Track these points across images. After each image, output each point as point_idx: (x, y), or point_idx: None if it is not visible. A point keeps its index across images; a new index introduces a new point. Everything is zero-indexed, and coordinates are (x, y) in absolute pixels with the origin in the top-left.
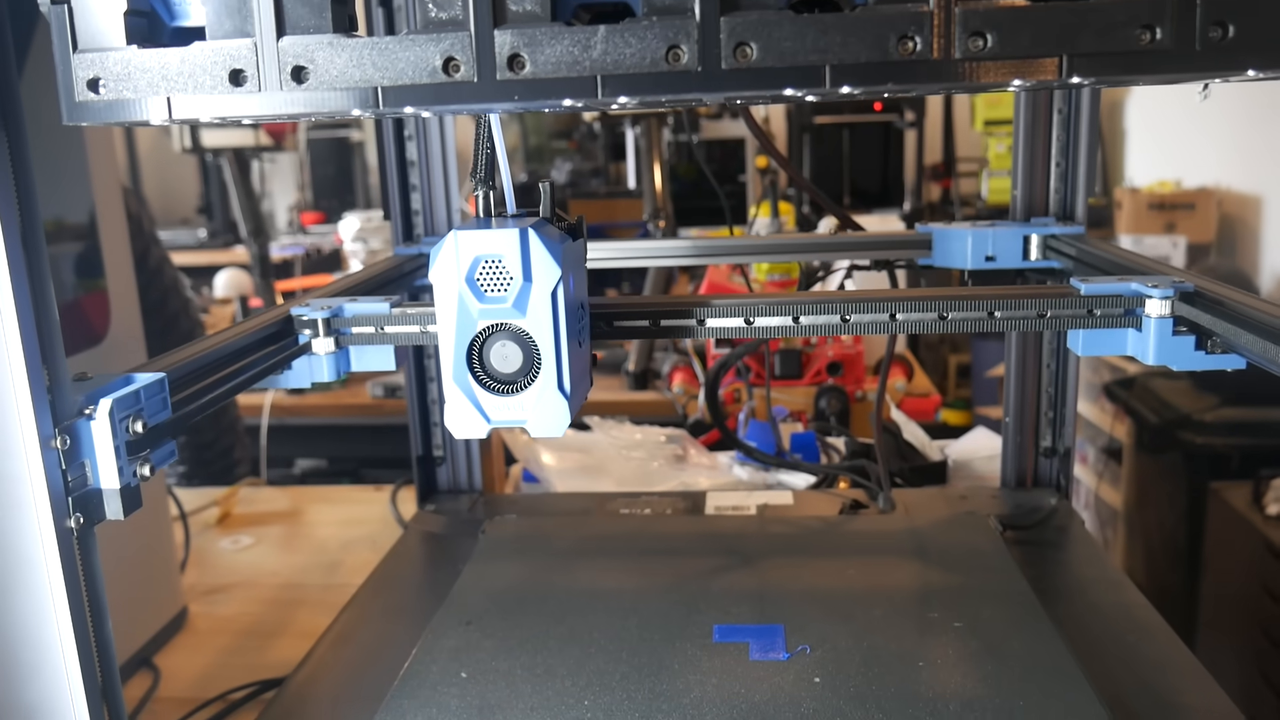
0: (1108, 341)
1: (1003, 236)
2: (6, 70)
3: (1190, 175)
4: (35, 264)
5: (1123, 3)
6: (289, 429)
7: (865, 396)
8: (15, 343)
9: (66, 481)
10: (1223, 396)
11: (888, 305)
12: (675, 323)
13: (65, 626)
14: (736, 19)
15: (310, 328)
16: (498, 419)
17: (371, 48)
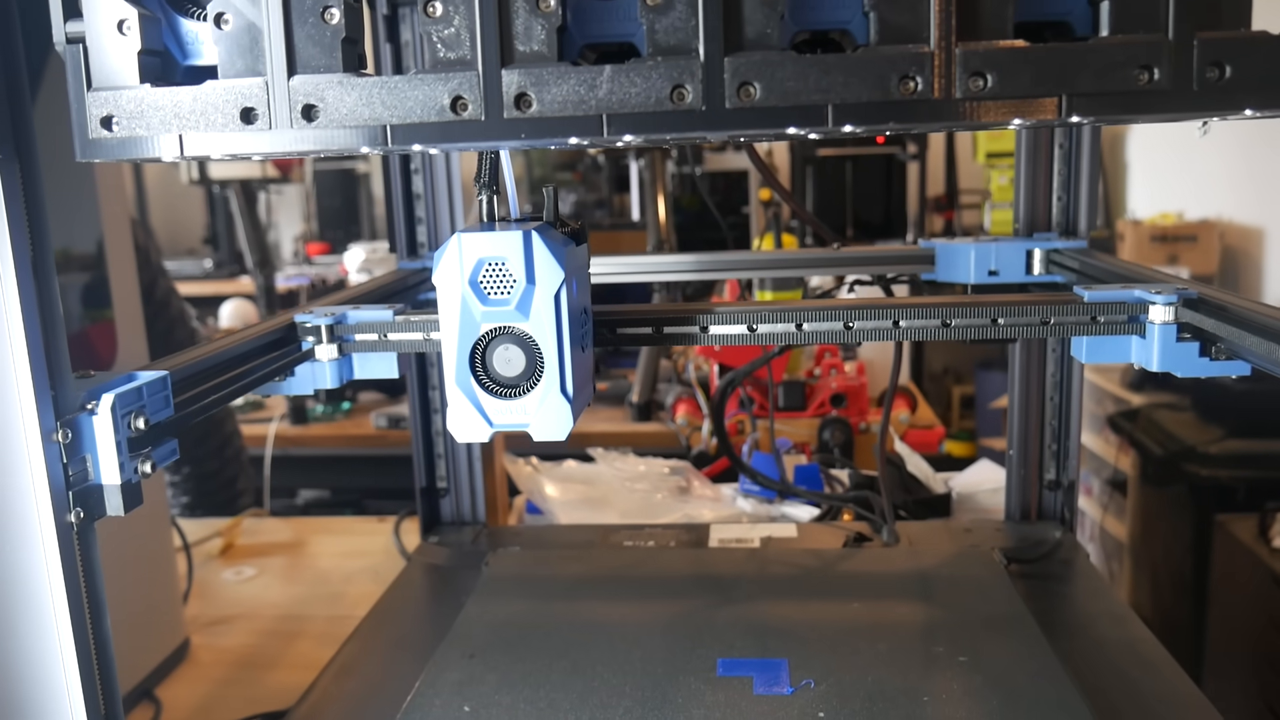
0: (1112, 349)
1: (1006, 251)
2: (20, 103)
3: (1192, 207)
4: (41, 260)
5: (1121, 44)
6: (293, 459)
7: (869, 428)
8: (19, 337)
9: (67, 476)
10: (1227, 428)
11: (891, 312)
12: (678, 329)
13: (64, 621)
14: (740, 59)
15: (313, 334)
16: (500, 422)
17: (381, 86)
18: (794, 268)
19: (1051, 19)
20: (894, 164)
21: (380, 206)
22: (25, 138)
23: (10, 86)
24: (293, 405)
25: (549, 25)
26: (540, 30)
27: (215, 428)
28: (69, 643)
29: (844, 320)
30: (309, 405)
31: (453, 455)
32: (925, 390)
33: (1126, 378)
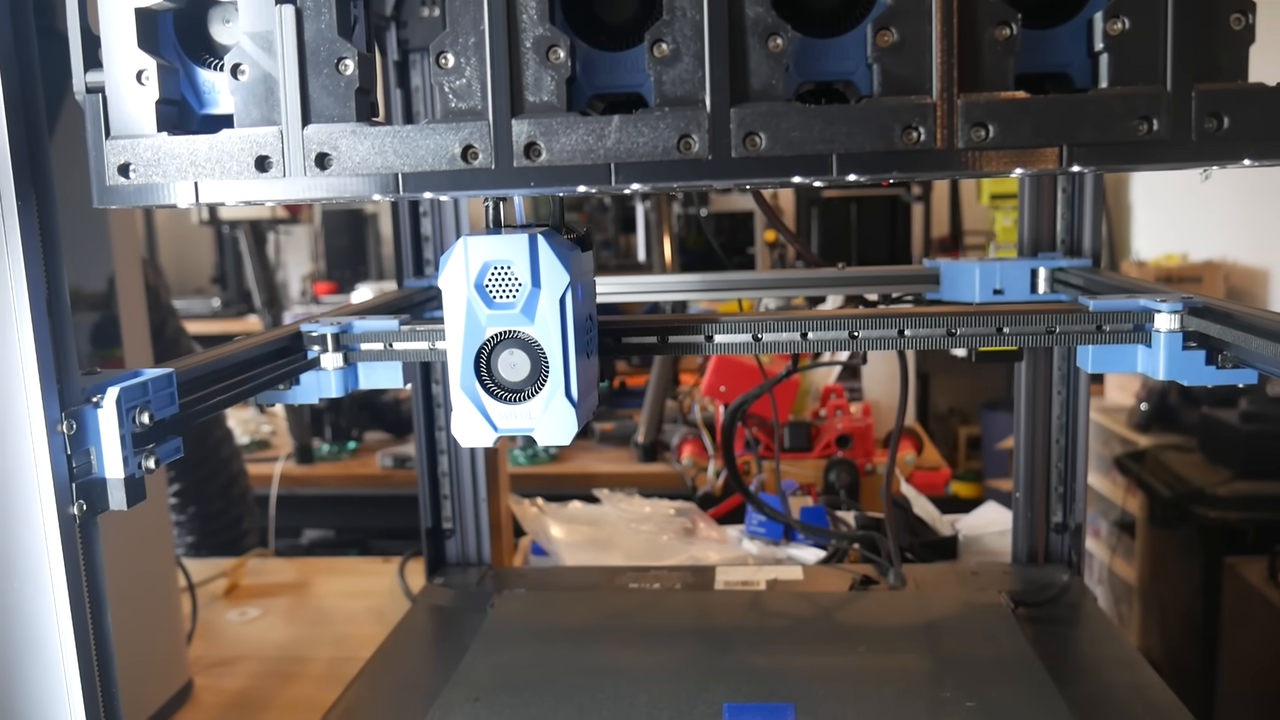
0: (1117, 358)
1: (1010, 270)
2: (39, 145)
3: (1196, 249)
4: (51, 256)
5: (1120, 95)
6: (298, 499)
7: (875, 470)
8: (27, 331)
9: (71, 468)
10: (1235, 470)
11: (896, 322)
12: (683, 339)
13: (64, 615)
14: (746, 110)
15: (319, 343)
16: (505, 427)
17: (393, 135)
18: (799, 287)
19: (1052, 70)
20: (899, 205)
21: (388, 246)
22: (44, 184)
23: (31, 134)
24: (299, 445)
25: (558, 76)
26: (550, 81)
27: (222, 467)
28: (69, 637)
29: (849, 329)
30: (315, 445)
31: (458, 496)
32: (931, 431)
33: (1133, 418)
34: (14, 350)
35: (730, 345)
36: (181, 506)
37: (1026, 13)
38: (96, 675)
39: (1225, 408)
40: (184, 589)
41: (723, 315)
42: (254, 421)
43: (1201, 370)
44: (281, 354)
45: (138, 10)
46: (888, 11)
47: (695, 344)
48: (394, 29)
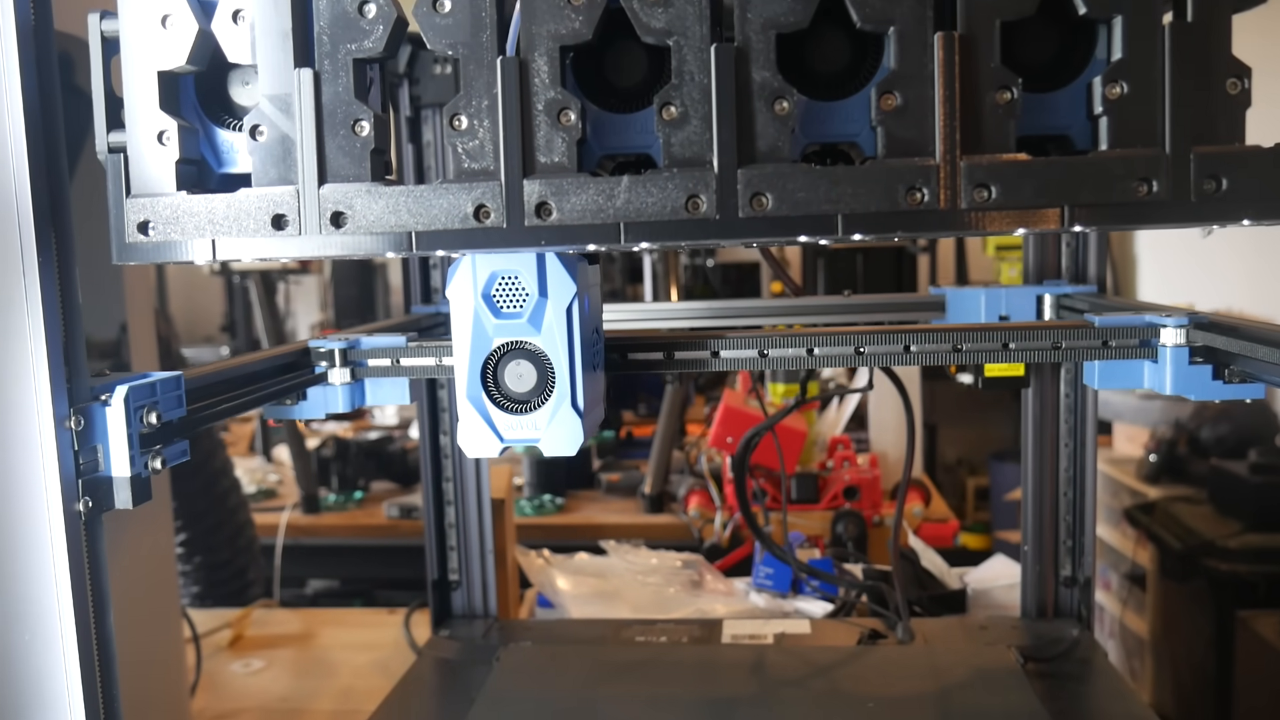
0: (1124, 374)
1: (1016, 296)
2: (62, 201)
3: (1202, 299)
4: (64, 253)
5: (1119, 157)
6: (304, 549)
7: (882, 521)
8: (38, 327)
9: (78, 464)
10: (1245, 522)
11: (901, 338)
12: (689, 354)
13: (67, 612)
14: (753, 171)
15: (327, 359)
16: (510, 438)
17: (407, 195)
18: (802, 315)
19: (1052, 133)
20: (904, 256)
21: (397, 295)
22: (65, 241)
23: (54, 192)
24: (305, 494)
25: (569, 138)
26: (561, 142)
27: (229, 516)
28: (71, 635)
29: (855, 345)
30: (321, 494)
31: (465, 547)
32: (939, 482)
33: (1142, 470)
34: (25, 346)
35: (737, 360)
36: (188, 556)
37: (1027, 76)
38: (97, 674)
39: (1234, 459)
40: (188, 639)
41: (729, 332)
42: (261, 470)
43: (1208, 385)
44: (289, 368)
45: (160, 73)
46: (891, 76)
47: (701, 360)
48: (406, 85)
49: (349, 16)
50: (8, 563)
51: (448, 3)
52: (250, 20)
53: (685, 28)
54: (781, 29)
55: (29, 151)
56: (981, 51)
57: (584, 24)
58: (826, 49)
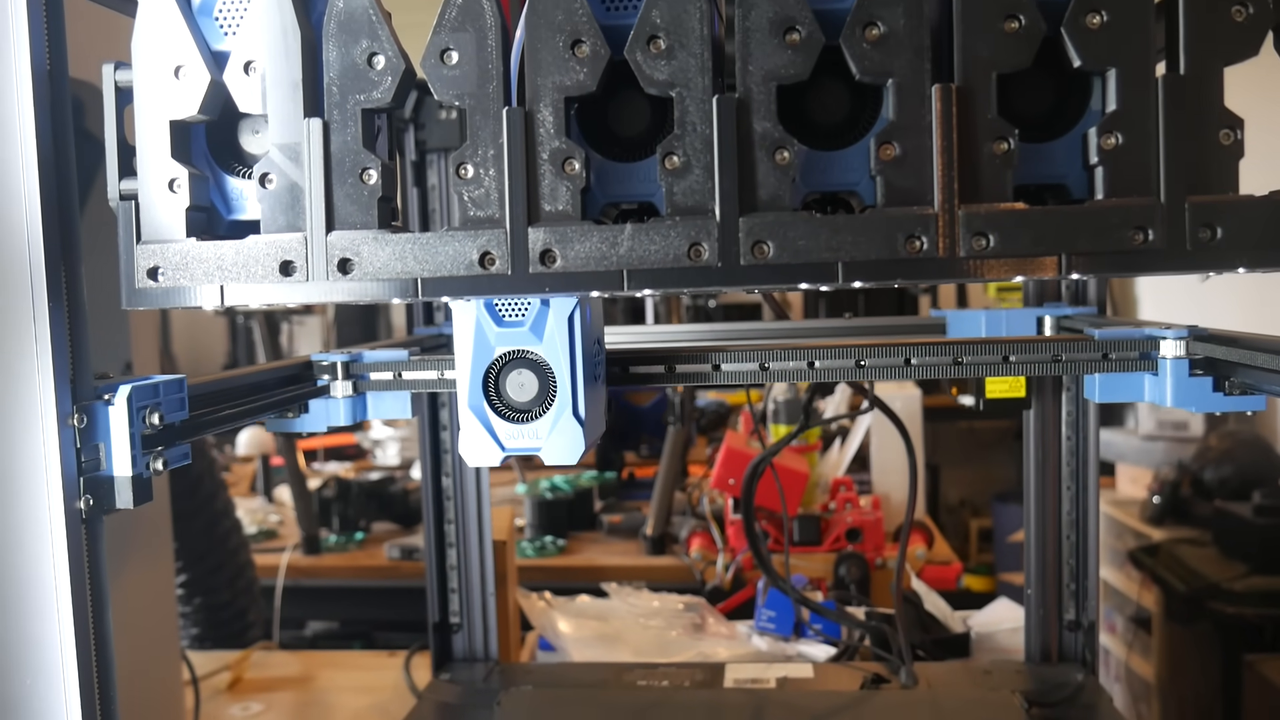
0: (1124, 387)
1: (1016, 318)
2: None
3: (1202, 322)
4: (69, 253)
5: (1115, 206)
6: (304, 590)
7: (885, 564)
8: (44, 326)
9: (80, 462)
10: (1251, 564)
11: (902, 351)
12: (690, 368)
13: (65, 611)
14: (754, 219)
15: (329, 372)
16: (512, 446)
17: (413, 242)
18: (805, 337)
19: (1049, 182)
20: (905, 296)
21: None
22: (75, 287)
23: (65, 237)
24: (306, 535)
25: (573, 187)
26: (565, 191)
27: (230, 557)
28: (69, 634)
29: (856, 359)
30: (322, 535)
31: (466, 589)
32: (942, 523)
33: (1145, 511)
34: (30, 343)
35: (737, 374)
36: (188, 597)
37: (1024, 127)
38: (95, 674)
39: (1238, 501)
40: (187, 682)
41: (731, 346)
42: (262, 511)
43: (1209, 397)
44: (292, 380)
45: (172, 122)
46: (890, 126)
47: (702, 373)
48: (412, 130)
49: (358, 68)
50: (7, 561)
51: (455, 55)
52: (261, 71)
53: (687, 79)
54: (782, 80)
55: (41, 192)
56: (978, 103)
57: (588, 76)
58: (826, 100)
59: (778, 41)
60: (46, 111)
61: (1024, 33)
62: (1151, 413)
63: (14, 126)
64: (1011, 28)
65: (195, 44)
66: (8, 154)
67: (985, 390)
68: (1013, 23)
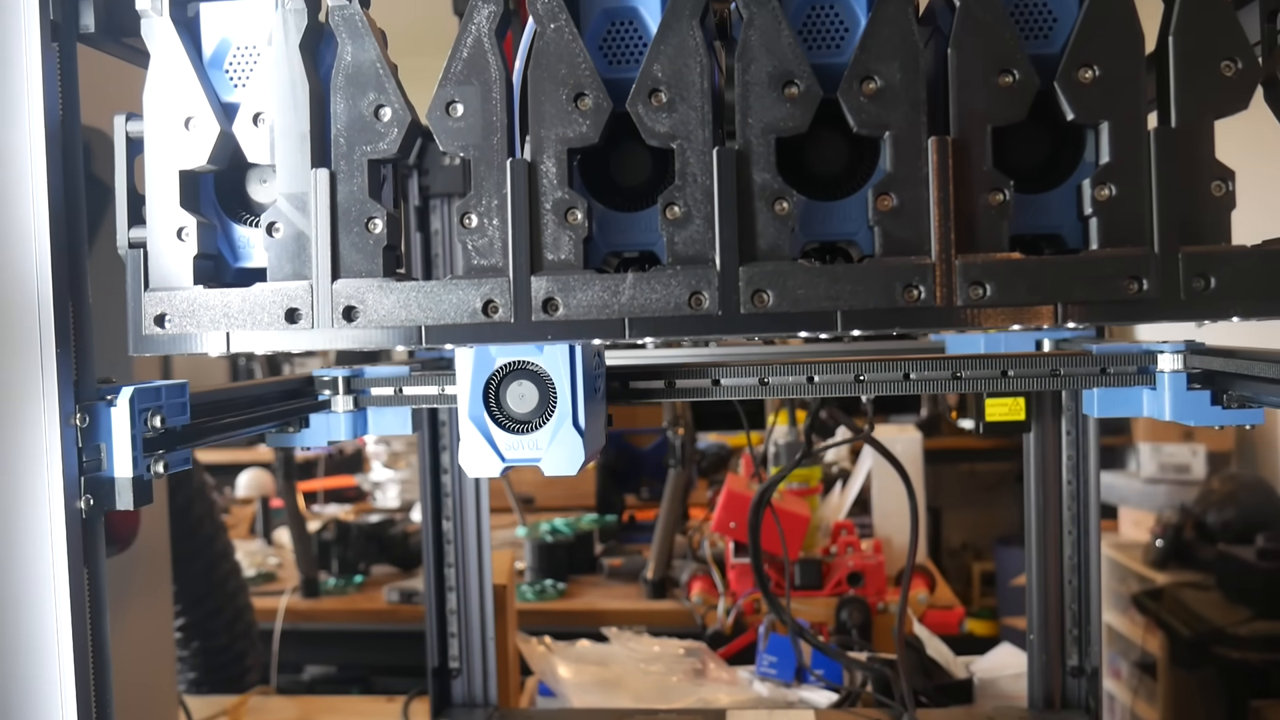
0: (1123, 401)
1: (1015, 340)
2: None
3: None
4: (75, 251)
5: (1110, 257)
6: (302, 634)
7: (887, 608)
8: (49, 328)
9: (81, 461)
10: (1255, 609)
11: (901, 366)
12: (690, 382)
13: (64, 610)
14: (754, 268)
15: (330, 387)
16: (512, 457)
17: (417, 290)
18: (808, 359)
19: (1045, 232)
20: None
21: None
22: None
23: (75, 282)
24: (305, 578)
25: (576, 236)
26: (568, 240)
27: (229, 601)
28: (66, 634)
29: (855, 373)
30: (321, 578)
31: (466, 634)
32: (944, 567)
33: (1149, 555)
34: (35, 348)
35: (737, 388)
36: (185, 641)
37: (1019, 178)
38: (91, 674)
39: (1241, 544)
40: None
41: (730, 361)
42: (261, 553)
43: (1207, 411)
44: (293, 395)
45: (182, 172)
46: (887, 178)
47: (702, 388)
48: (416, 176)
49: (365, 120)
50: (6, 558)
51: (460, 107)
52: (270, 123)
53: (688, 131)
54: (781, 133)
55: (51, 237)
56: (974, 155)
57: (591, 128)
58: (825, 151)
59: (777, 95)
60: (59, 160)
61: (1018, 87)
62: (1153, 455)
63: (26, 172)
64: (1005, 82)
65: (205, 96)
66: (20, 197)
67: (985, 413)
68: (1006, 77)
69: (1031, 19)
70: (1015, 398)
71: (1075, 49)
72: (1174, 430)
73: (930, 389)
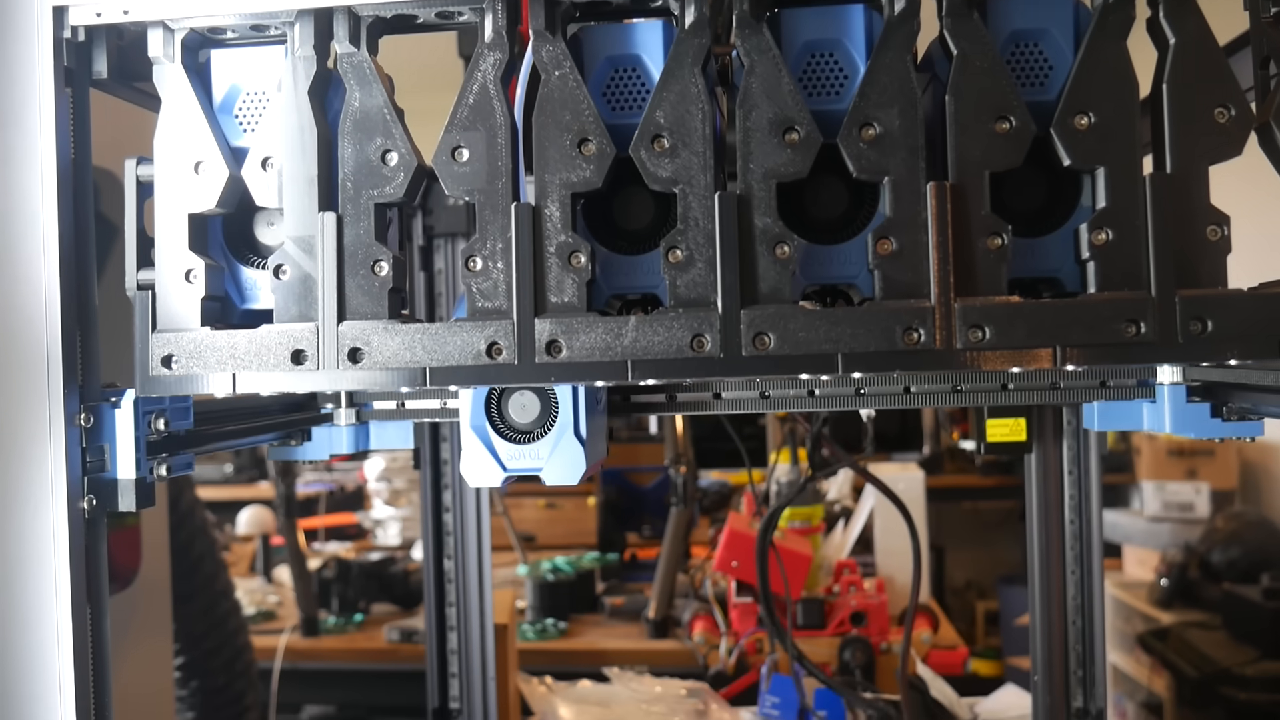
0: (1123, 415)
1: None
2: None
3: None
4: (83, 254)
5: (1108, 301)
6: (302, 673)
7: (890, 648)
8: (55, 330)
9: (85, 461)
10: (1261, 649)
11: (902, 379)
12: (691, 396)
13: (64, 608)
14: (756, 311)
15: (332, 400)
16: (514, 467)
17: (422, 332)
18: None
19: (1043, 276)
20: None
21: None
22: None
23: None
24: (305, 616)
25: (579, 279)
26: (571, 283)
27: (229, 640)
28: (66, 633)
29: (856, 386)
30: (321, 616)
31: (467, 674)
32: (947, 606)
33: (1154, 594)
34: (42, 349)
35: (738, 401)
36: (184, 680)
37: (1017, 222)
38: (90, 673)
39: (1247, 583)
40: None
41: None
42: (261, 591)
43: (1207, 423)
44: (296, 408)
45: (191, 215)
46: (887, 222)
47: (703, 401)
48: (420, 215)
49: (372, 164)
50: (9, 557)
51: (466, 152)
52: (279, 167)
53: (690, 177)
54: (782, 178)
55: (61, 278)
56: (972, 200)
57: (594, 173)
58: (825, 196)
59: (777, 141)
60: (69, 200)
61: (1014, 133)
62: (1157, 493)
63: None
64: (1002, 128)
65: (215, 140)
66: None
67: (986, 434)
68: (1003, 124)
69: (1027, 66)
70: (1016, 418)
71: (1071, 96)
72: (1177, 468)
73: (930, 402)
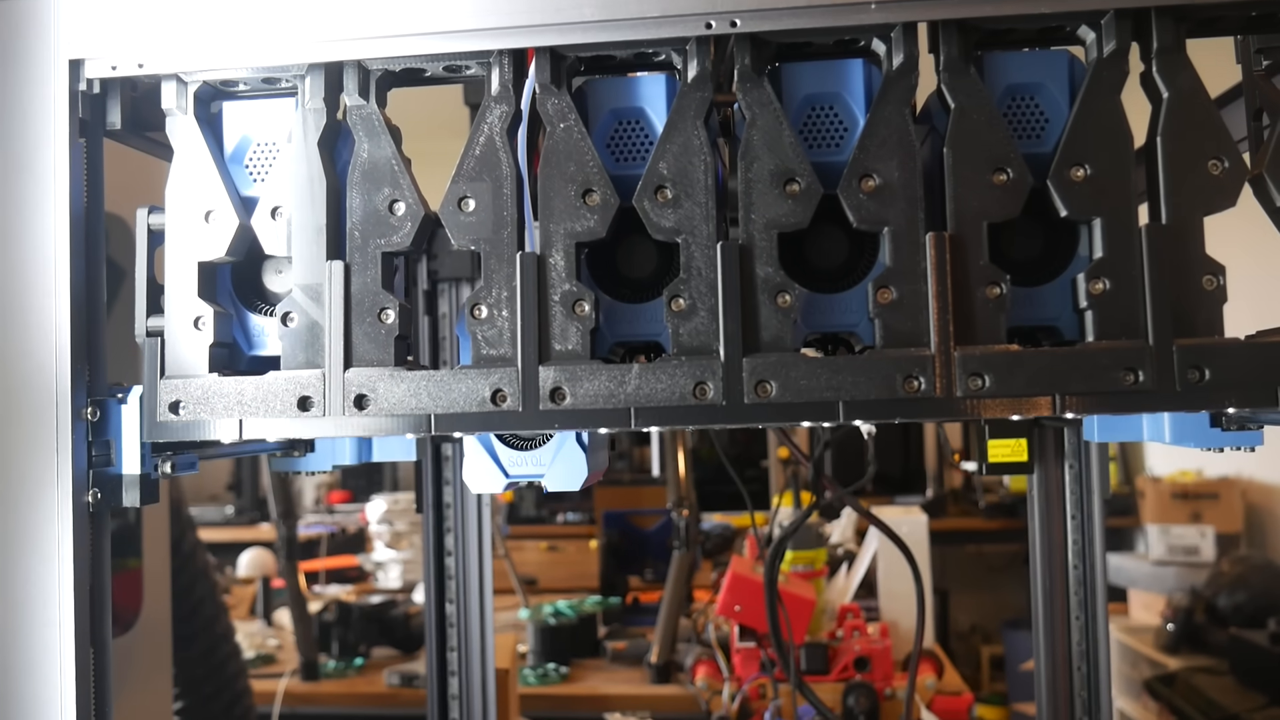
0: (1123, 426)
1: None
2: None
3: (1211, 465)
4: (94, 258)
5: (1106, 349)
6: (300, 717)
7: (895, 694)
8: (65, 328)
9: (90, 455)
10: (1269, 695)
11: None
12: None
13: (67, 603)
14: (757, 359)
15: None
16: (516, 474)
17: (428, 379)
18: None
19: (1042, 324)
20: None
21: None
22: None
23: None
24: (304, 660)
25: (583, 327)
26: (575, 331)
27: (227, 685)
28: (69, 629)
29: None
30: (321, 660)
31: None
32: (952, 650)
33: (1160, 639)
34: (50, 347)
35: None
36: None
37: (1015, 272)
38: (91, 672)
39: (1253, 628)
40: None
41: None
42: (260, 635)
43: (1207, 433)
44: None
45: (200, 263)
46: (887, 272)
47: None
48: (425, 260)
49: (379, 214)
50: (14, 551)
51: (472, 202)
52: (288, 216)
53: (693, 227)
54: (783, 228)
55: (72, 323)
56: (971, 250)
57: (599, 223)
58: (826, 246)
59: (778, 192)
60: (81, 246)
61: (1012, 185)
62: (1161, 537)
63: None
64: (1000, 180)
65: (226, 190)
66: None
67: (988, 454)
68: (1001, 175)
69: (1024, 119)
70: (1018, 439)
71: (1067, 149)
72: (1180, 511)
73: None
